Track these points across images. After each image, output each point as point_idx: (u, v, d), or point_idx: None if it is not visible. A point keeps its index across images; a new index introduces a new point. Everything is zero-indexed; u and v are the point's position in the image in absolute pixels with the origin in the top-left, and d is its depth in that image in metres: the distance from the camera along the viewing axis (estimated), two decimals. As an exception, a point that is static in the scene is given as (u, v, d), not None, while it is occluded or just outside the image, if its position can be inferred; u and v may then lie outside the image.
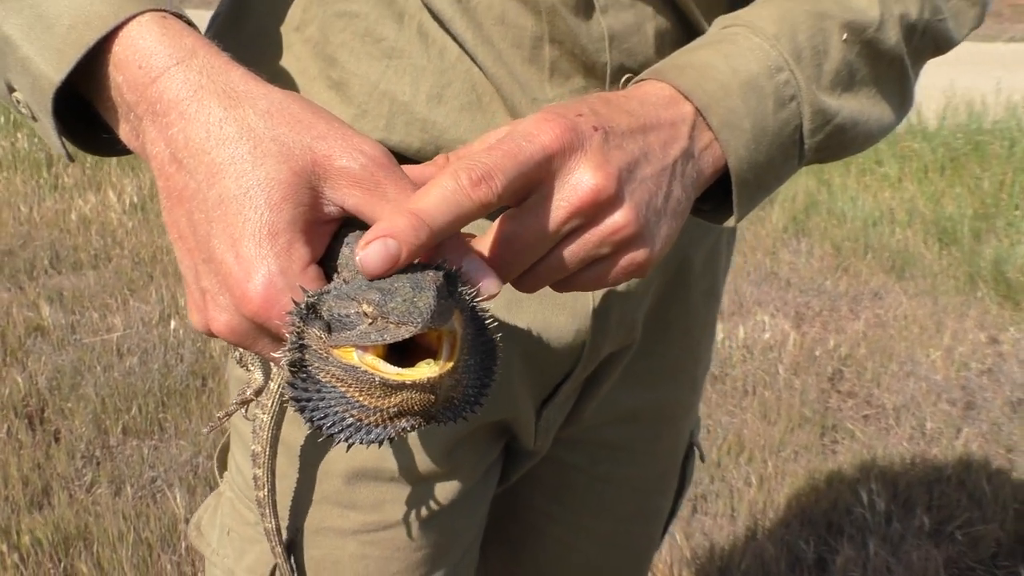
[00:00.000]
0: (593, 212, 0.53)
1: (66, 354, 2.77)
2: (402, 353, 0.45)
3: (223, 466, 0.83)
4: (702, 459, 0.99)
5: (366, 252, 0.46)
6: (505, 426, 0.78)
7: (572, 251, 0.54)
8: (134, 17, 0.49)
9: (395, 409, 0.45)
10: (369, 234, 0.47)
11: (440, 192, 0.48)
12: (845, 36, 0.64)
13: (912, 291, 3.43)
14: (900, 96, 0.70)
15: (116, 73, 0.50)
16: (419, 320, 0.42)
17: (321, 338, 0.44)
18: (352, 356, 0.44)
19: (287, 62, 0.67)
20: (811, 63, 0.62)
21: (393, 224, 0.46)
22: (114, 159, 4.45)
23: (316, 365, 0.45)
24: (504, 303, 0.71)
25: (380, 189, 0.49)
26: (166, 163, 0.49)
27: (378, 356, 0.44)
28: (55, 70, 0.49)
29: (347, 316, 0.44)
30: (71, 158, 0.55)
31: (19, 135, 4.74)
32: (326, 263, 0.50)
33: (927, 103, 4.85)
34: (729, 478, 2.36)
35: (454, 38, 0.64)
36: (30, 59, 0.50)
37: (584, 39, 0.65)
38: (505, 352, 0.70)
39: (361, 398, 0.45)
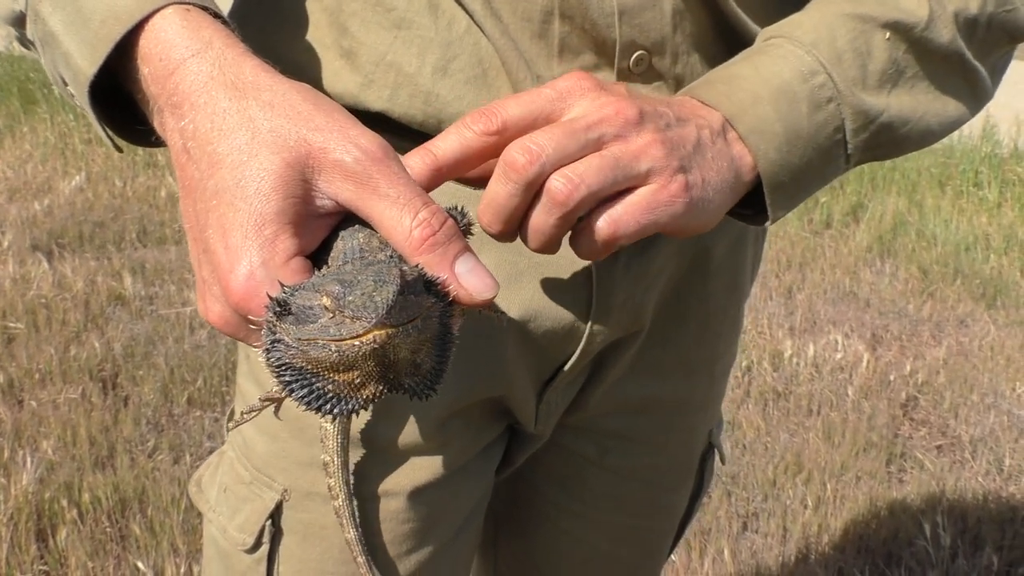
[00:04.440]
0: (616, 126, 0.56)
1: (142, 324, 2.88)
2: None
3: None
4: (722, 461, 0.95)
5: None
6: (503, 406, 0.76)
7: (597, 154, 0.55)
8: (158, 11, 0.51)
9: (359, 380, 0.46)
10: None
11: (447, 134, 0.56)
12: (888, 35, 0.64)
13: (1002, 321, 3.26)
14: (967, 89, 0.69)
15: (143, 66, 0.51)
16: (373, 316, 0.42)
17: (289, 331, 0.45)
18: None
19: (306, 31, 0.67)
20: (853, 65, 0.63)
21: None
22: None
23: (289, 353, 0.46)
24: (502, 279, 0.69)
25: (372, 183, 0.49)
26: (180, 153, 0.50)
27: None
28: (89, 64, 0.51)
29: (310, 308, 0.45)
30: (118, 149, 0.57)
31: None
32: (322, 256, 0.51)
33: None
34: (784, 498, 2.28)
35: (464, 9, 0.63)
36: (70, 54, 0.52)
37: (595, 13, 0.63)
38: (498, 328, 0.69)
39: (329, 374, 0.46)
